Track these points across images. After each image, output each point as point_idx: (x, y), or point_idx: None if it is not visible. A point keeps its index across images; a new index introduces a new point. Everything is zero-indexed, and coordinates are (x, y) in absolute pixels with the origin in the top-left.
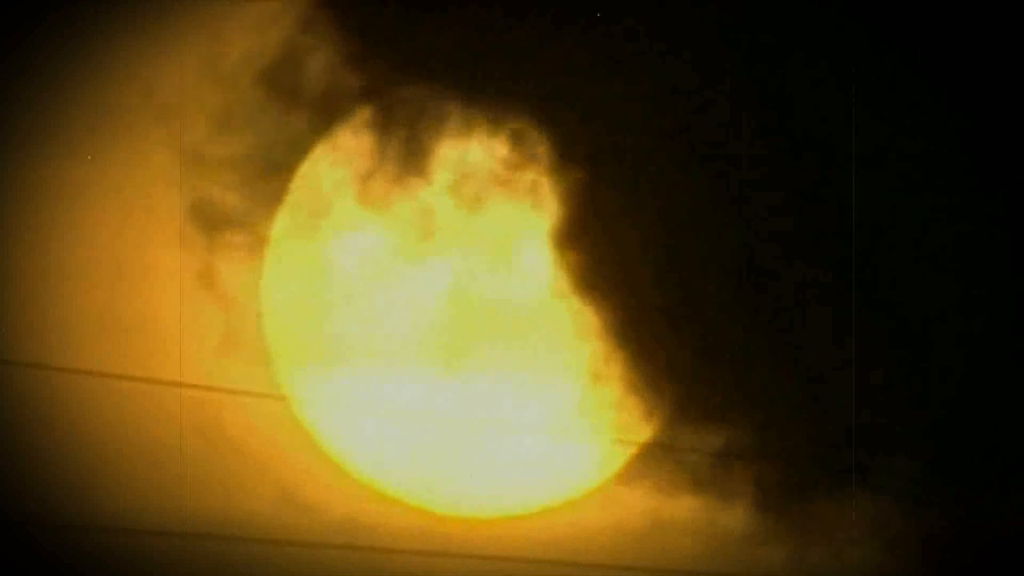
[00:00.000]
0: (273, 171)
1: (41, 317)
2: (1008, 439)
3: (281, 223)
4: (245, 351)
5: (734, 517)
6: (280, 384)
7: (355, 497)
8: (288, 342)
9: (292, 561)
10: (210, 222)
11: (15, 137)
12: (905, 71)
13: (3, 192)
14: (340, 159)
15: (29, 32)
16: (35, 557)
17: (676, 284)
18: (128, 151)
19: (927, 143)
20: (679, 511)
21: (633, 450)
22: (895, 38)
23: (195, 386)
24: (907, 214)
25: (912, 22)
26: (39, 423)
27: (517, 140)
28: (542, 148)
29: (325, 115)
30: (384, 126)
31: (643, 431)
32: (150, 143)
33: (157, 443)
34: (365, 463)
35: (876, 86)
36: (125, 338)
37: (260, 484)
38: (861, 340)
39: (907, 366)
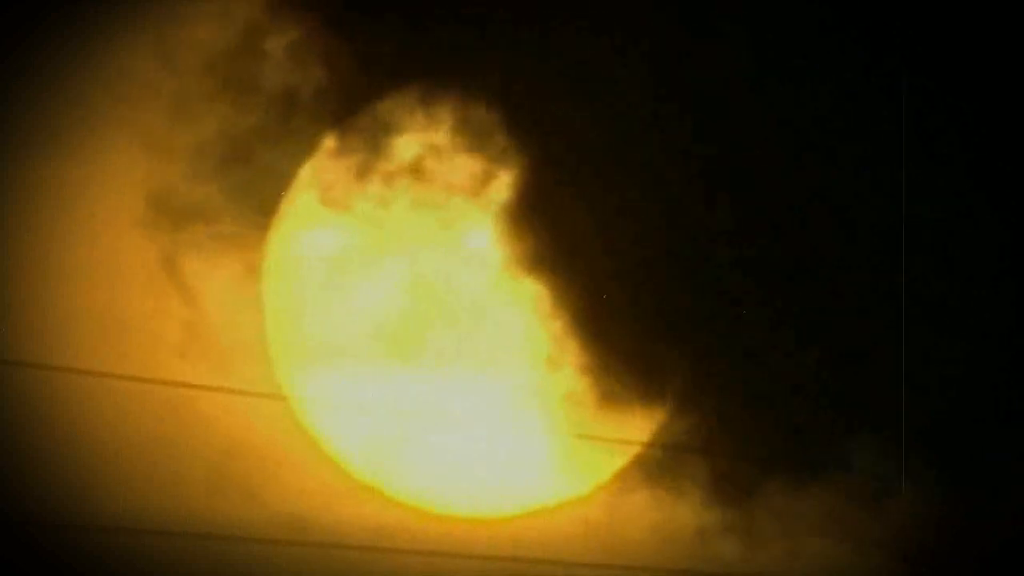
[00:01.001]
0: (270, 173)
1: (41, 317)
2: (1006, 439)
3: (273, 223)
4: (245, 351)
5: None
6: (281, 384)
7: (352, 498)
8: (287, 342)
9: (290, 561)
10: (200, 222)
11: (15, 137)
12: (894, 71)
13: (3, 192)
14: (339, 157)
15: (29, 32)
16: (35, 557)
17: (638, 277)
18: (127, 152)
19: (900, 135)
20: (637, 506)
21: (593, 445)
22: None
23: (194, 386)
24: (881, 205)
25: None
26: (39, 423)
27: (478, 132)
28: (502, 140)
29: (325, 115)
30: (348, 119)
31: (604, 425)
32: (148, 144)
33: (156, 443)
34: (362, 463)
35: (856, 80)
36: (124, 338)
37: (260, 484)
38: (846, 335)
39: (902, 363)
